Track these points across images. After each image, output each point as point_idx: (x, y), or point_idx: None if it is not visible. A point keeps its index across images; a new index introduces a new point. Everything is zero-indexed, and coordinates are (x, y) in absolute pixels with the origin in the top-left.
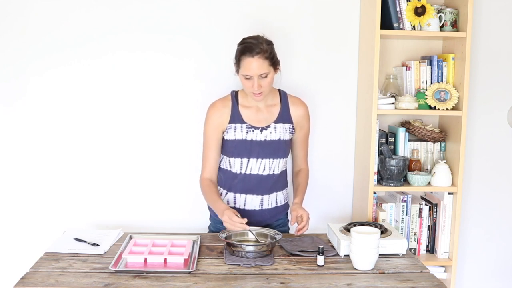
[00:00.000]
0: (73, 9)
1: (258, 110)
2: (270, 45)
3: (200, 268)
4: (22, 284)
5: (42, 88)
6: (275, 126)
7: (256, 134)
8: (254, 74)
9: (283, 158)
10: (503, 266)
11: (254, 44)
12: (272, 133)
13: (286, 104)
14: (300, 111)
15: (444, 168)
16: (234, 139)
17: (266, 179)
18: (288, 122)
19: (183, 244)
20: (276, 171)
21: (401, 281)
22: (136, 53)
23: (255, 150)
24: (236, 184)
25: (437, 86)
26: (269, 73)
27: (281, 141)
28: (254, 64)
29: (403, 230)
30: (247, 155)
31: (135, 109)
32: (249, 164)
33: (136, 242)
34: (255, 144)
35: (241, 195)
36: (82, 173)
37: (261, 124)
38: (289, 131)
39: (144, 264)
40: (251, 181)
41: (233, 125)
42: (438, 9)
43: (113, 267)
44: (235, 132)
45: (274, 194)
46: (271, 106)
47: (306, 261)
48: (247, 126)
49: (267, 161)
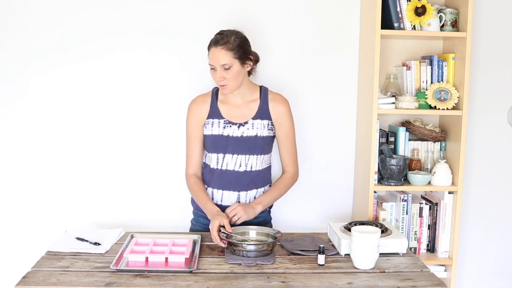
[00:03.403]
0: (73, 9)
1: (237, 106)
2: (239, 39)
3: (201, 267)
4: (23, 283)
5: (43, 89)
6: (253, 122)
7: (233, 130)
8: (216, 64)
9: (261, 155)
10: (503, 265)
11: (221, 36)
12: (249, 129)
13: (266, 100)
14: (279, 107)
15: (444, 167)
16: (211, 134)
17: (242, 175)
18: (266, 118)
19: (184, 243)
20: (254, 168)
21: (402, 280)
22: (137, 53)
23: (230, 146)
24: (214, 179)
25: (437, 86)
26: (232, 65)
27: (258, 138)
28: (216, 54)
29: (404, 229)
30: (223, 150)
31: (136, 109)
32: (225, 160)
33: (138, 241)
34: (232, 140)
35: (218, 191)
36: (84, 173)
37: (239, 120)
38: (267, 128)
39: (145, 263)
40: (227, 177)
41: (211, 120)
42: (438, 9)
43: (114, 266)
44: (212, 127)
45: (253, 191)
46: (250, 102)
47: (306, 260)
48: (225, 121)
49: (243, 157)
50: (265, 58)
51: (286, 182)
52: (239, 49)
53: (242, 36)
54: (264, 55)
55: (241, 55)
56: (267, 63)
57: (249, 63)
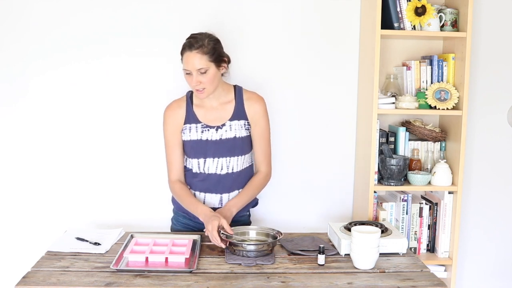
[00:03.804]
0: (73, 9)
1: (212, 108)
2: (213, 42)
3: (201, 267)
4: (23, 283)
5: (43, 89)
6: (230, 124)
7: (212, 134)
8: (192, 69)
9: (242, 155)
10: (503, 265)
11: (194, 39)
12: (227, 131)
13: (241, 100)
14: (255, 106)
15: (444, 167)
16: (190, 139)
17: (225, 178)
18: (243, 118)
19: (184, 243)
20: (236, 169)
21: (402, 280)
22: (137, 54)
23: (210, 150)
24: (196, 182)
25: (437, 86)
26: (208, 68)
27: (237, 139)
28: (191, 58)
29: (404, 229)
30: (203, 155)
31: (137, 109)
32: (206, 164)
33: (137, 241)
34: (211, 144)
35: (200, 193)
36: (84, 173)
37: (216, 123)
38: (244, 128)
39: (146, 263)
40: (210, 181)
41: (188, 125)
42: (438, 9)
43: (114, 266)
44: (190, 133)
45: (235, 192)
46: (226, 104)
47: (306, 260)
48: (202, 125)
49: (224, 160)
50: (265, 58)
51: (259, 182)
52: (214, 52)
53: (215, 38)
54: (264, 55)
55: (216, 57)
56: (267, 63)
57: (223, 65)
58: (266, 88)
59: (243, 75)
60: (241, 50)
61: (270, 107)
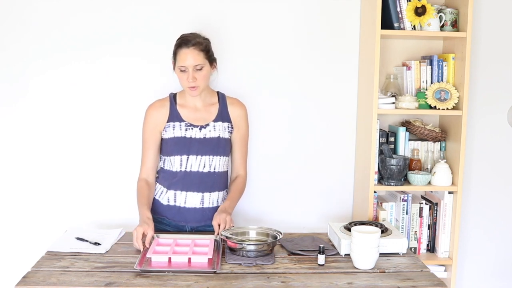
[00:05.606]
0: (74, 10)
1: (196, 109)
2: (206, 41)
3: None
4: (23, 283)
5: (43, 89)
6: (214, 124)
7: (195, 132)
8: (189, 65)
9: (223, 156)
10: (503, 265)
11: (190, 37)
12: (211, 131)
13: (225, 104)
14: (238, 111)
15: (444, 167)
16: (173, 136)
17: (207, 176)
18: (227, 121)
19: (206, 243)
20: (217, 169)
21: (402, 280)
22: (137, 54)
23: (194, 147)
24: (175, 182)
25: (437, 86)
26: (204, 65)
27: (220, 139)
28: (189, 55)
29: (404, 229)
30: (186, 152)
31: (137, 109)
32: (189, 161)
33: (159, 241)
34: (195, 142)
35: (181, 192)
36: (84, 173)
37: (200, 122)
38: (228, 130)
39: (169, 263)
40: (191, 178)
41: (171, 123)
42: (438, 9)
43: (138, 266)
44: (174, 130)
45: (215, 193)
46: (210, 106)
47: (306, 260)
48: (186, 124)
49: (207, 158)
50: (265, 59)
51: (242, 186)
52: (208, 50)
53: (207, 38)
54: (263, 55)
55: (210, 56)
56: (267, 63)
57: (214, 64)
58: (266, 89)
59: (243, 76)
60: (241, 50)
61: (270, 108)
